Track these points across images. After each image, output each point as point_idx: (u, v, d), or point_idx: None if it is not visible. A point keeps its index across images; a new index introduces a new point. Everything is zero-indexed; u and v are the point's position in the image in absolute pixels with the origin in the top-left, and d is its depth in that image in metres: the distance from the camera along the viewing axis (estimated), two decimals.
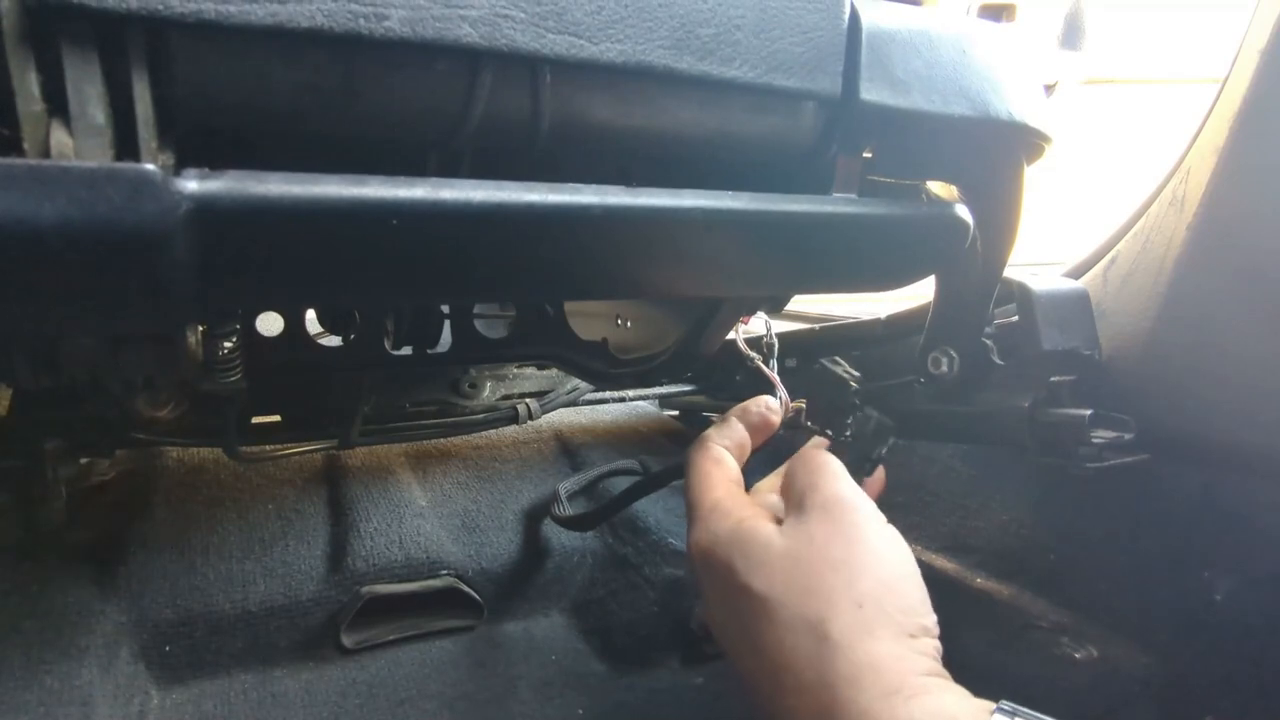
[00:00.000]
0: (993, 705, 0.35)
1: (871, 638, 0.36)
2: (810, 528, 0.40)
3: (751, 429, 0.52)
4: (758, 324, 0.62)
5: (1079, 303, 0.57)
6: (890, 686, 0.34)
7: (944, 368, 0.56)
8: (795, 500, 0.43)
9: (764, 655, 0.38)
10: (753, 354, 0.59)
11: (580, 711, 0.70)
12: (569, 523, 0.79)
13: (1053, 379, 0.53)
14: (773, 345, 0.60)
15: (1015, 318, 0.55)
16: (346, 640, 0.71)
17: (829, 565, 0.38)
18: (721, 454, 0.49)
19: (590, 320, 0.67)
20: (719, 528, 0.43)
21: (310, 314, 0.64)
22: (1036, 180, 0.50)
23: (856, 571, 0.38)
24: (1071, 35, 0.93)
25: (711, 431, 0.51)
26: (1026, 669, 0.65)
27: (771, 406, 0.54)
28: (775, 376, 0.57)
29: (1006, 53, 0.42)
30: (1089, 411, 0.50)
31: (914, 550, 0.43)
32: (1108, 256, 0.62)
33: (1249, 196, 0.52)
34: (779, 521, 0.43)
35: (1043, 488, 0.68)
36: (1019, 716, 0.34)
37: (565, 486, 0.84)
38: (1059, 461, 0.52)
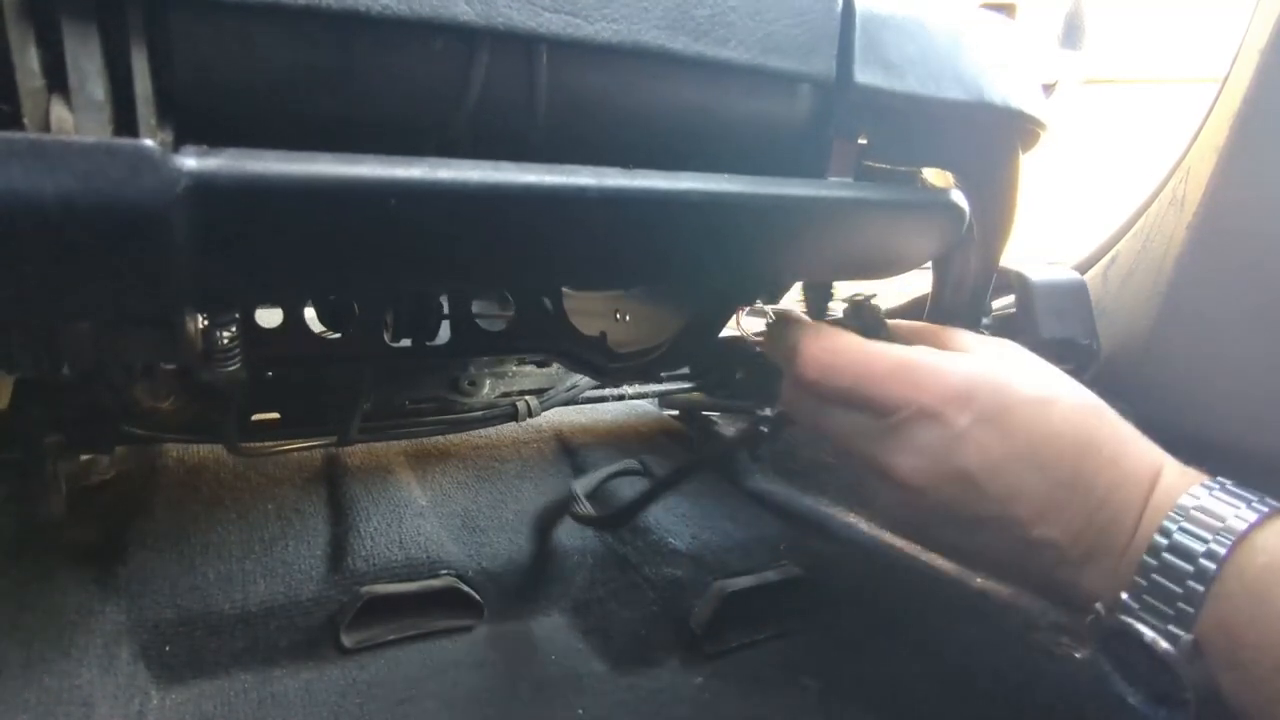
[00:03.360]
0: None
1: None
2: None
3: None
4: (754, 326, 0.62)
5: (1077, 292, 0.57)
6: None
7: None
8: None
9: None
10: (754, 336, 0.59)
11: (580, 711, 0.69)
12: (595, 522, 0.78)
13: None
14: None
15: (1012, 307, 0.55)
16: (346, 640, 0.71)
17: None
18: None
19: (589, 315, 0.67)
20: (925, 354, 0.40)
21: (309, 312, 0.64)
22: (1036, 179, 0.51)
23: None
24: (1071, 35, 0.94)
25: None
26: (1026, 669, 0.64)
27: None
28: None
29: (1001, 39, 0.42)
30: None
31: (914, 548, 0.42)
32: (1108, 256, 0.62)
33: (1249, 196, 0.52)
34: None
35: None
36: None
37: (580, 485, 0.84)
38: None
